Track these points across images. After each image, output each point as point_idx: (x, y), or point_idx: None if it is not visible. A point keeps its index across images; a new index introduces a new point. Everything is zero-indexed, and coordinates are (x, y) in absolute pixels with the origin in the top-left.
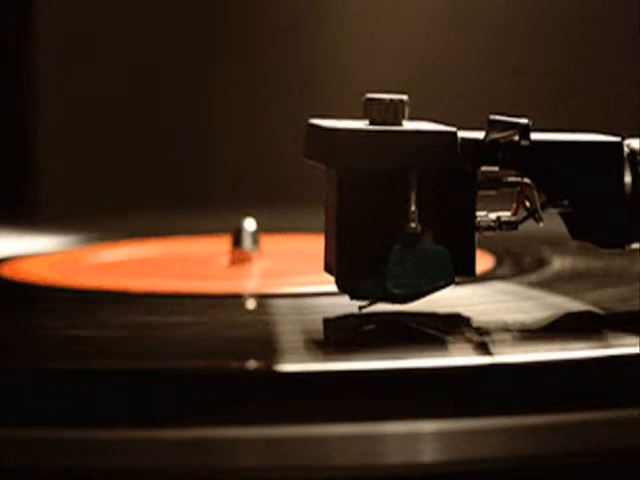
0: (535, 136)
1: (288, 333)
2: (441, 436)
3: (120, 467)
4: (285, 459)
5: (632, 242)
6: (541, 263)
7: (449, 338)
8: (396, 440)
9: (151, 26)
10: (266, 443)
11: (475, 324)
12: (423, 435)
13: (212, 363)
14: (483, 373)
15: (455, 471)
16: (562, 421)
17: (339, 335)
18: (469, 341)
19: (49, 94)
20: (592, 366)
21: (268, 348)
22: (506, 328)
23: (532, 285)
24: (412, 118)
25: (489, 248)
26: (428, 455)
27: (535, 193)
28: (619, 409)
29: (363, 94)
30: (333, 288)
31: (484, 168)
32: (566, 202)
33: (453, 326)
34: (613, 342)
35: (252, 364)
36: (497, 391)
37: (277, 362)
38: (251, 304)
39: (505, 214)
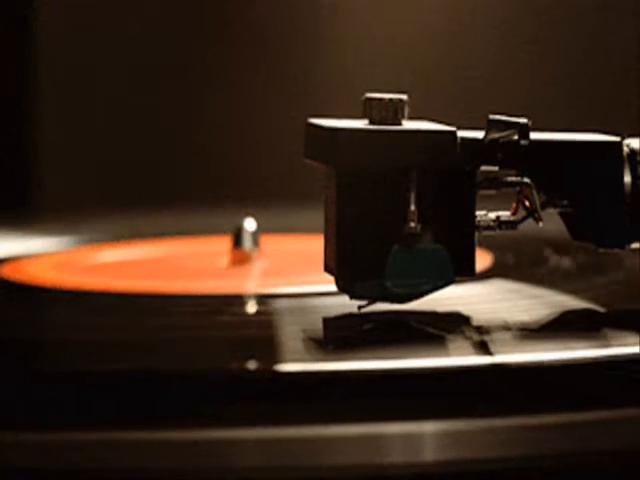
0: (535, 136)
1: (288, 333)
2: (441, 436)
3: (119, 467)
4: (284, 459)
5: (632, 242)
6: (541, 263)
7: (449, 338)
8: (396, 440)
9: (152, 25)
10: (265, 443)
11: (475, 323)
12: (423, 435)
13: (212, 363)
14: (483, 373)
15: (455, 471)
16: (562, 421)
17: (339, 335)
18: (469, 341)
19: (49, 94)
20: (592, 366)
21: (268, 348)
22: (506, 327)
23: (532, 285)
24: (412, 118)
25: (489, 247)
26: (428, 455)
27: (535, 193)
28: (619, 409)
29: (363, 94)
30: (333, 288)
31: (484, 168)
32: (566, 202)
33: (453, 326)
34: (613, 342)
35: (252, 364)
36: (497, 391)
37: (277, 362)
38: (251, 304)
39: (505, 214)
